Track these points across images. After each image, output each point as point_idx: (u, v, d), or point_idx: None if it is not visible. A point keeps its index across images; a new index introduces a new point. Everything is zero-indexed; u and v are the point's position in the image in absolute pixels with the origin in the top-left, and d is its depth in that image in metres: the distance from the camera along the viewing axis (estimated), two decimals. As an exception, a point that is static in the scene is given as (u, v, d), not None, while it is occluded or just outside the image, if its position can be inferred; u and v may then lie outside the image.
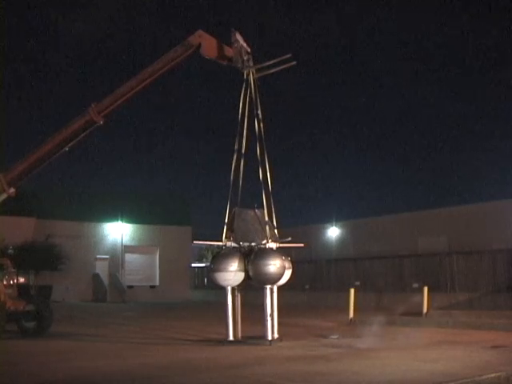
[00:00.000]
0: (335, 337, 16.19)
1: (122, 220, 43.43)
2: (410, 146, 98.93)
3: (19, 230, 35.65)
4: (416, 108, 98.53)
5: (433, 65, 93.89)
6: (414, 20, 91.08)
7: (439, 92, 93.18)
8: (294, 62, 15.01)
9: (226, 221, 14.74)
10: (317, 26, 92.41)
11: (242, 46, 15.24)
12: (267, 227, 14.61)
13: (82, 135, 16.32)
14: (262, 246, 14.46)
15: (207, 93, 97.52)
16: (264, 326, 14.15)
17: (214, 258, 15.00)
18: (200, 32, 15.46)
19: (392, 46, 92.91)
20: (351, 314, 20.56)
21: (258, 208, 15.01)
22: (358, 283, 29.49)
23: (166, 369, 10.93)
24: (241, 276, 14.29)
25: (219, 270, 14.34)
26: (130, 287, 43.05)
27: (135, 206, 44.00)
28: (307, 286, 33.62)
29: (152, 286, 44.72)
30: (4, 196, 16.75)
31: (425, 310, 20.47)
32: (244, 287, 14.86)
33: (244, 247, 14.54)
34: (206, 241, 16.88)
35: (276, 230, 14.90)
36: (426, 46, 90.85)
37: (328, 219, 46.69)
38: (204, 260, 49.78)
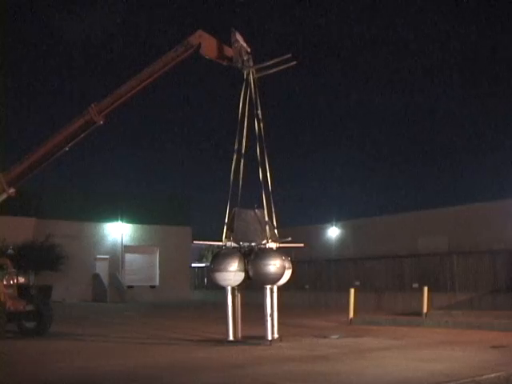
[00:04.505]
0: (335, 337, 16.21)
1: (122, 220, 43.43)
2: (410, 146, 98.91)
3: (19, 230, 35.66)
4: (416, 108, 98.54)
5: (433, 64, 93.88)
6: (415, 19, 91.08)
7: (440, 92, 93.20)
8: (294, 62, 15.01)
9: (226, 221, 14.73)
10: (317, 26, 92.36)
11: (241, 45, 15.24)
12: (267, 227, 14.61)
13: (82, 135, 16.33)
14: (262, 246, 14.45)
15: (207, 93, 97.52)
16: (264, 326, 14.15)
17: (213, 258, 14.98)
18: (200, 32, 15.47)
19: (392, 45, 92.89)
20: (351, 314, 20.57)
21: (258, 208, 15.01)
22: (358, 283, 29.51)
23: (166, 369, 10.93)
24: (241, 276, 14.29)
25: (219, 270, 14.34)
26: (130, 287, 43.05)
27: (135, 206, 43.98)
28: (307, 286, 33.64)
29: (152, 286, 44.73)
30: (4, 196, 16.76)
31: (425, 310, 20.47)
32: (244, 287, 14.86)
33: (244, 247, 14.53)
34: (206, 241, 16.88)
35: (276, 230, 14.90)
36: (427, 45, 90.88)
37: (328, 219, 46.73)
38: (204, 260, 49.80)
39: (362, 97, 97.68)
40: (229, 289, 14.50)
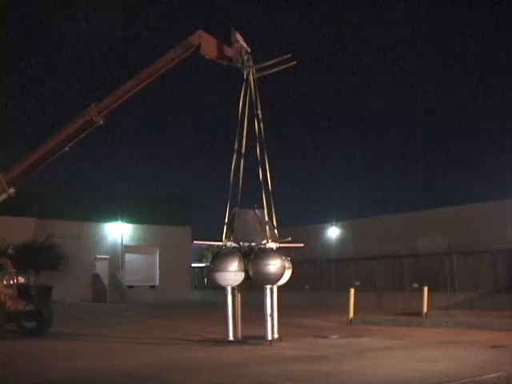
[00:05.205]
0: (335, 337, 16.20)
1: (122, 220, 43.43)
2: (410, 146, 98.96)
3: (19, 229, 35.68)
4: (416, 108, 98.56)
5: (433, 64, 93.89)
6: (415, 19, 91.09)
7: (439, 92, 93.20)
8: (294, 62, 15.01)
9: (226, 221, 14.74)
10: (317, 26, 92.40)
11: (241, 45, 15.24)
12: (267, 227, 14.61)
13: (82, 135, 16.34)
14: (261, 246, 14.45)
15: (207, 93, 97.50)
16: (264, 326, 14.15)
17: (214, 258, 15.00)
18: (200, 32, 15.46)
19: (392, 45, 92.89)
20: (351, 314, 20.58)
21: (258, 208, 15.01)
22: (358, 283, 29.51)
23: (166, 369, 10.93)
24: (241, 276, 14.29)
25: (219, 270, 14.34)
26: (130, 287, 43.05)
27: (135, 206, 44.01)
28: (307, 286, 33.63)
29: (152, 286, 44.74)
30: (4, 196, 16.76)
31: (425, 310, 20.46)
32: (244, 287, 14.87)
33: (244, 247, 14.54)
34: (206, 241, 16.89)
35: (276, 230, 14.90)
36: (427, 45, 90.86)
37: (328, 219, 46.71)
38: (204, 260, 49.80)
39: (362, 97, 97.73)
40: (229, 289, 14.51)
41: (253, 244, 14.54)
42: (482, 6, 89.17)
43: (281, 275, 14.32)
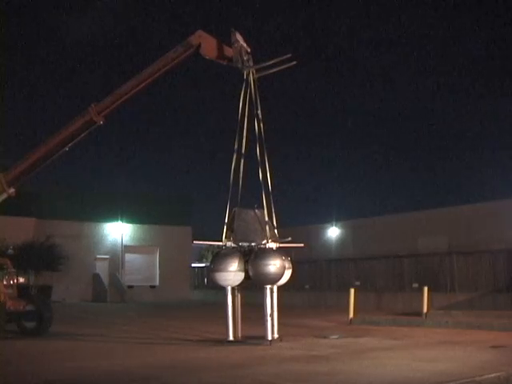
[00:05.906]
0: (335, 337, 16.20)
1: (122, 220, 43.44)
2: (410, 146, 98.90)
3: (19, 230, 35.70)
4: (416, 108, 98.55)
5: (433, 64, 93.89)
6: (415, 18, 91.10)
7: (439, 92, 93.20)
8: (294, 62, 15.02)
9: (226, 221, 14.74)
10: (317, 26, 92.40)
11: (241, 45, 15.25)
12: (267, 227, 14.61)
13: (82, 135, 16.36)
14: (262, 246, 14.45)
15: (207, 93, 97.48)
16: (264, 326, 14.15)
17: (213, 258, 15.01)
18: (200, 32, 15.48)
19: (392, 45, 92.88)
20: (351, 314, 20.58)
21: (258, 208, 15.01)
22: (358, 283, 29.52)
23: (166, 369, 10.93)
24: (241, 276, 14.29)
25: (219, 270, 14.35)
26: (130, 287, 43.06)
27: (135, 206, 44.00)
28: (307, 286, 33.64)
29: (152, 286, 44.74)
30: (4, 196, 16.78)
31: (425, 310, 20.47)
32: (244, 287, 14.87)
33: (244, 247, 14.54)
34: (206, 241, 16.90)
35: (276, 230, 14.90)
36: (427, 45, 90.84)
37: (328, 219, 46.69)
38: (204, 260, 49.80)
39: (362, 97, 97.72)
40: (229, 289, 14.51)
41: (253, 244, 14.54)
42: (482, 5, 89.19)
43: (281, 275, 14.32)
